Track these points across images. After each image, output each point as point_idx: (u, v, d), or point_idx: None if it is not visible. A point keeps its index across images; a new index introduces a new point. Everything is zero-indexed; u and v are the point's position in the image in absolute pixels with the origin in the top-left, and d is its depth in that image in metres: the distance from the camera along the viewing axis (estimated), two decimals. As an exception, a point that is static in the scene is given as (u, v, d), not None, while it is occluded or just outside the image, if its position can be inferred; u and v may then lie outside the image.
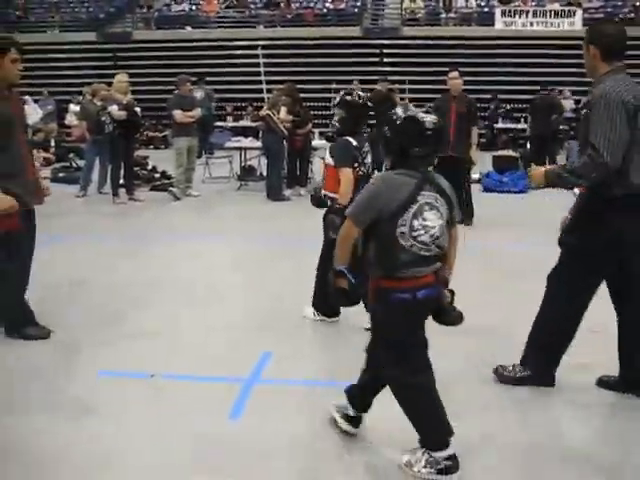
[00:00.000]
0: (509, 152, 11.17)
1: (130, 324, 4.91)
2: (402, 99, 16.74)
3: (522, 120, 17.13)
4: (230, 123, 18.75)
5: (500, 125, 17.60)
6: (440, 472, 2.91)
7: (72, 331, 4.77)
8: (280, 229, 8.26)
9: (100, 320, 5.01)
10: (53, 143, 15.91)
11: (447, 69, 8.83)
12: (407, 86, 16.63)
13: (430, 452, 2.92)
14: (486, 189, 10.80)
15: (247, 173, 12.17)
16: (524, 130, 16.45)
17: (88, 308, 5.30)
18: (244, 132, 15.87)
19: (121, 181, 10.17)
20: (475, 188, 10.42)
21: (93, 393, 3.78)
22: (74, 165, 12.72)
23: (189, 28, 20.65)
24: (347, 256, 2.95)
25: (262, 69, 13.16)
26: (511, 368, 3.89)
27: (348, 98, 4.73)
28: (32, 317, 4.67)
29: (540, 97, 13.37)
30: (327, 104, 18.02)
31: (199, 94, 15.61)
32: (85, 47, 20.47)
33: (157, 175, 11.97)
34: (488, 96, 17.30)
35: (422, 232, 2.85)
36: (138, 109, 10.22)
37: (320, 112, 18.49)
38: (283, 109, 10.36)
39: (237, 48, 19.02)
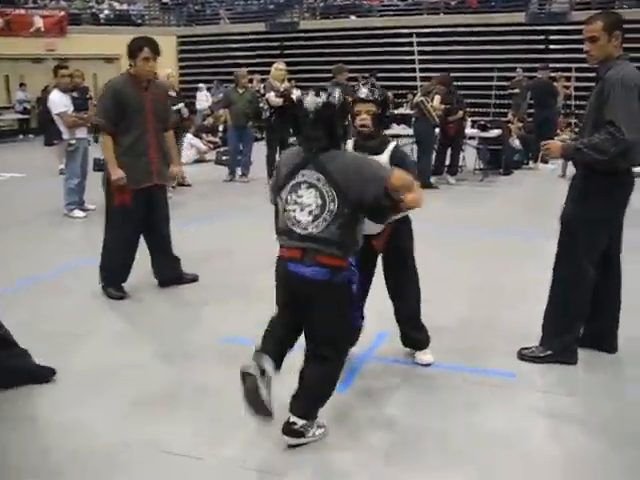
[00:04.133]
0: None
1: (259, 295, 5.27)
2: (567, 87, 16.11)
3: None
4: (390, 111, 18.94)
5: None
6: None
7: (203, 294, 5.34)
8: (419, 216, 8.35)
9: (233, 288, 5.47)
10: (221, 128, 16.90)
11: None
12: (573, 74, 15.92)
13: None
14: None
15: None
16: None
17: (221, 276, 5.80)
18: (402, 120, 15.99)
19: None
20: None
21: (213, 357, 4.19)
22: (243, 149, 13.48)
23: (353, 17, 21.03)
24: None
25: (416, 57, 13.19)
26: (534, 349, 4.09)
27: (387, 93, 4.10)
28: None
29: None
30: (489, 92, 17.76)
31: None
32: (254, 37, 21.54)
33: (312, 160, 12.44)
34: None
35: (295, 208, 3.02)
36: (294, 96, 10.66)
37: (480, 100, 18.29)
38: (437, 97, 10.37)
39: (398, 36, 19.13)
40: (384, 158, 3.62)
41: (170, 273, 5.58)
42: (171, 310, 5.10)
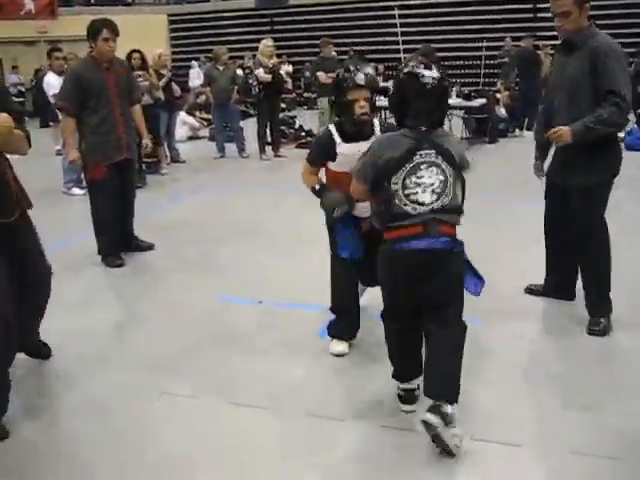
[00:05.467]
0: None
1: (247, 259, 5.73)
2: (552, 55, 16.23)
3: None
4: (381, 83, 19.13)
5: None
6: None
7: (194, 261, 5.72)
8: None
9: (221, 255, 5.86)
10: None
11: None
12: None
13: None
14: (629, 147, 10.48)
15: (387, 130, 12.60)
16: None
17: (208, 242, 6.20)
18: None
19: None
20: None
21: (213, 313, 4.58)
22: (229, 125, 13.73)
23: (342, -9, 21.10)
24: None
25: (399, 29, 13.42)
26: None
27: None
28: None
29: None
30: (478, 62, 17.95)
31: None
32: (244, 14, 21.63)
33: (303, 134, 12.75)
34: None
35: (417, 190, 2.92)
36: (283, 72, 10.93)
37: (470, 70, 18.47)
38: (420, 69, 10.66)
39: (384, 9, 19.23)
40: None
41: (128, 240, 5.93)
42: (165, 274, 5.47)
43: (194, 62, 19.83)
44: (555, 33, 13.14)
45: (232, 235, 6.46)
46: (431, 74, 2.95)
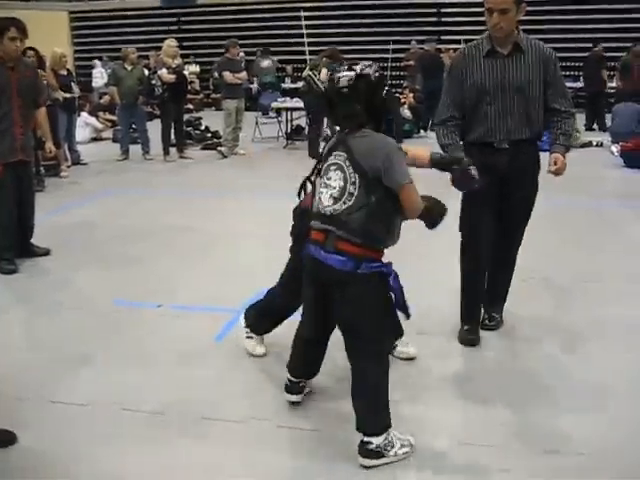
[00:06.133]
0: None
1: (148, 263, 5.63)
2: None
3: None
4: (290, 85, 19.15)
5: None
6: None
7: (92, 265, 5.57)
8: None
9: (121, 258, 5.74)
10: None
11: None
12: (463, 46, 16.53)
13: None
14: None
15: (294, 132, 12.69)
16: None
17: (109, 246, 6.09)
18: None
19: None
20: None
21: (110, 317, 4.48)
22: (133, 127, 13.44)
23: (252, -9, 21.01)
24: None
25: (305, 31, 13.54)
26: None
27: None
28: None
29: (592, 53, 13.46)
30: (384, 64, 18.24)
31: (266, 62, 17.21)
32: (150, 12, 21.22)
33: (209, 135, 12.63)
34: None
35: (323, 190, 2.85)
36: (188, 72, 10.80)
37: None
38: (323, 70, 10.74)
39: (289, 10, 19.27)
40: None
41: (22, 245, 5.71)
42: (60, 280, 5.29)
43: (97, 61, 19.31)
44: (457, 37, 13.38)
45: (134, 238, 6.32)
46: (348, 75, 2.83)
